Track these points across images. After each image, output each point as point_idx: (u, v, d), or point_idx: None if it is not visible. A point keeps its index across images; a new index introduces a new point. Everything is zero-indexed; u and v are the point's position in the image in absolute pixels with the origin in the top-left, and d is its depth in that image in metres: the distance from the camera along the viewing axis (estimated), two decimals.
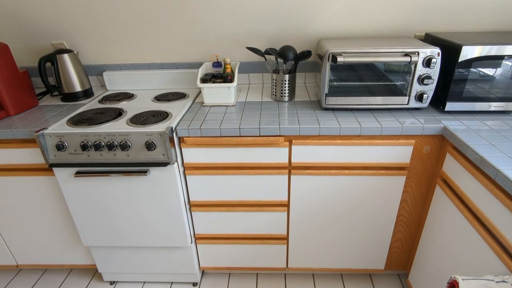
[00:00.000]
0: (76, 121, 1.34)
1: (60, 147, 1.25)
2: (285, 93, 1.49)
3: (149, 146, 1.23)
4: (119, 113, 1.42)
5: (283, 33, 1.60)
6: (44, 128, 1.28)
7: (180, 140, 1.31)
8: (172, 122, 1.30)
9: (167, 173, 1.31)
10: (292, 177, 1.37)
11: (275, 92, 1.51)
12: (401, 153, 1.29)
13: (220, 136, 1.28)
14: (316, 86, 1.51)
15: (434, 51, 1.23)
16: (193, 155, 1.33)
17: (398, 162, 1.31)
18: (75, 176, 1.31)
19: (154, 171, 1.31)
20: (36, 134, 1.24)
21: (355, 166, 1.33)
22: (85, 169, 1.31)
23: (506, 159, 0.96)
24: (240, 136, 1.28)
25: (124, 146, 1.24)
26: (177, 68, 1.75)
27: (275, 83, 1.49)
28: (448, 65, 1.25)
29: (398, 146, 1.27)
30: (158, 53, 1.71)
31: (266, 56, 1.47)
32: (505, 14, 1.48)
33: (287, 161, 1.33)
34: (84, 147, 1.25)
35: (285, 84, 1.47)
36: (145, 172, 1.29)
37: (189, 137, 1.29)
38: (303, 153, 1.31)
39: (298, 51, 1.65)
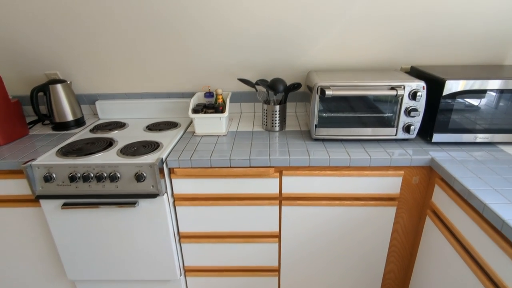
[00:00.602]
0: (66, 152, 1.33)
1: (48, 178, 1.23)
2: (275, 123, 1.51)
3: (139, 177, 1.23)
4: (109, 143, 1.42)
5: (274, 65, 1.64)
6: (33, 159, 1.27)
7: (170, 171, 1.31)
8: (162, 153, 1.30)
9: (156, 205, 1.30)
10: (283, 208, 1.36)
11: (266, 122, 1.53)
12: (391, 184, 1.29)
13: (211, 167, 1.28)
14: (306, 116, 1.54)
15: (420, 85, 1.26)
16: (183, 186, 1.33)
17: (388, 193, 1.31)
18: (62, 208, 1.28)
19: (143, 203, 1.30)
20: (24, 165, 1.23)
21: (346, 197, 1.33)
22: (72, 201, 1.29)
23: (492, 193, 0.97)
24: (230, 167, 1.28)
25: (113, 178, 1.23)
26: (170, 97, 1.77)
27: (266, 113, 1.51)
28: (433, 98, 1.29)
29: (388, 177, 1.28)
30: (151, 82, 1.73)
31: (257, 87, 1.50)
32: (486, 49, 1.55)
33: (277, 192, 1.33)
34: (73, 178, 1.23)
35: (276, 114, 1.50)
36: (134, 204, 1.28)
37: (179, 168, 1.28)
38: (293, 184, 1.31)
39: (289, 83, 1.68)
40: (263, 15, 1.43)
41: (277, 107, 1.49)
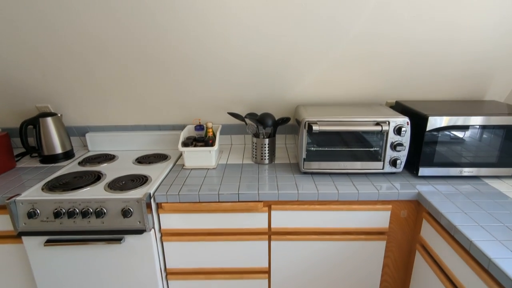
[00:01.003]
0: (52, 186, 1.31)
1: (31, 214, 1.21)
2: (265, 156, 1.53)
3: (126, 213, 1.21)
4: (98, 177, 1.41)
5: (263, 99, 1.68)
6: (17, 195, 1.25)
7: (158, 205, 1.29)
8: (151, 188, 1.29)
9: (143, 241, 1.27)
10: (272, 243, 1.34)
11: (256, 155, 1.54)
12: (380, 218, 1.29)
13: (199, 202, 1.27)
14: (295, 148, 1.55)
15: (404, 121, 1.30)
16: (171, 221, 1.31)
17: (377, 227, 1.31)
18: (44, 245, 1.24)
19: (129, 239, 1.27)
20: (7, 201, 1.21)
21: (335, 231, 1.33)
22: (56, 238, 1.26)
23: (478, 230, 0.98)
24: (219, 202, 1.27)
25: (99, 213, 1.21)
26: (161, 130, 1.78)
27: (255, 146, 1.53)
28: (418, 133, 1.32)
29: (376, 211, 1.28)
30: (142, 115, 1.75)
31: (247, 120, 1.53)
32: (467, 85, 1.61)
33: (266, 226, 1.32)
34: (57, 214, 1.21)
35: (265, 147, 1.51)
36: (119, 240, 1.25)
37: (167, 203, 1.27)
38: (282, 219, 1.30)
39: (278, 116, 1.72)
40: (254, 52, 1.48)
41: (266, 141, 1.51)
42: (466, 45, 1.45)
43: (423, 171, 1.34)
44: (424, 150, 1.32)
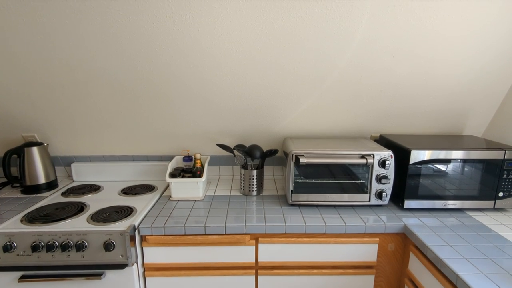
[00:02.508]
0: (32, 218, 1.27)
1: (7, 248, 1.15)
2: (253, 187, 1.53)
3: (108, 246, 1.17)
4: (81, 208, 1.37)
5: (251, 131, 1.71)
6: None
7: (143, 238, 1.26)
8: (135, 220, 1.26)
9: (125, 276, 1.22)
10: (259, 277, 1.31)
11: (244, 187, 1.54)
12: (367, 251, 1.29)
13: (185, 235, 1.25)
14: (283, 179, 1.56)
15: (388, 154, 1.34)
16: (155, 255, 1.27)
17: (365, 261, 1.29)
18: (18, 281, 1.18)
19: (110, 274, 1.21)
20: None
21: (324, 265, 1.30)
22: (31, 273, 1.19)
23: (464, 263, 0.99)
24: (205, 234, 1.25)
25: (80, 247, 1.16)
26: (148, 160, 1.78)
27: (243, 178, 1.53)
28: (401, 166, 1.36)
29: (364, 244, 1.28)
30: (130, 145, 1.75)
31: (235, 152, 1.54)
32: (446, 121, 1.69)
33: (254, 260, 1.29)
34: (35, 247, 1.16)
35: (253, 179, 1.52)
36: (99, 275, 1.19)
37: (152, 235, 1.24)
38: (270, 252, 1.28)
39: (266, 148, 1.74)
40: (243, 85, 1.53)
41: (254, 172, 1.51)
42: (443, 80, 1.53)
43: (408, 203, 1.36)
44: (408, 182, 1.35)
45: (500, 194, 1.35)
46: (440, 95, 1.59)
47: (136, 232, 1.23)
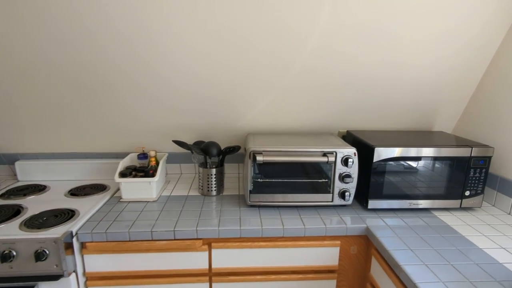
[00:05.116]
0: None
1: None
2: (211, 187, 1.42)
3: (39, 256, 1.04)
4: (16, 212, 1.24)
5: (212, 127, 1.60)
6: None
7: (83, 245, 1.14)
8: (74, 225, 1.14)
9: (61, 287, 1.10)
10: (213, 285, 1.21)
11: (202, 186, 1.44)
12: (329, 255, 1.21)
13: (129, 241, 1.14)
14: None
15: (351, 151, 1.26)
16: (98, 263, 1.15)
17: (327, 265, 1.22)
18: None
19: (43, 286, 1.09)
20: None
21: (282, 270, 1.22)
22: None
23: (423, 270, 0.92)
24: (152, 240, 1.14)
25: (6, 257, 1.03)
26: (102, 158, 1.65)
27: (201, 177, 1.43)
28: (366, 164, 1.28)
29: (325, 247, 1.20)
30: (81, 142, 1.61)
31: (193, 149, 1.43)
32: (416, 116, 1.62)
33: (207, 267, 1.19)
34: None
35: (212, 178, 1.41)
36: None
37: (92, 242, 1.12)
38: (224, 258, 1.19)
39: (229, 144, 1.64)
40: (202, 79, 1.42)
41: (213, 171, 1.41)
42: (410, 80, 1.47)
43: (373, 203, 1.29)
44: (372, 182, 1.27)
45: (467, 193, 1.30)
46: (408, 94, 1.53)
47: (75, 239, 1.11)
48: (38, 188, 1.49)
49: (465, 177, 1.28)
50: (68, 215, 1.21)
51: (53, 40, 1.27)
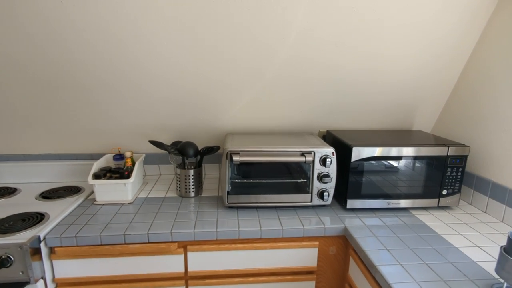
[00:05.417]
0: None
1: None
2: (189, 188, 1.39)
3: (3, 262, 0.99)
4: None
5: (190, 127, 1.57)
6: None
7: (52, 250, 1.09)
8: (43, 229, 1.09)
9: None
10: None
11: (180, 188, 1.40)
12: (307, 256, 1.20)
13: (101, 245, 1.09)
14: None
15: (329, 151, 1.25)
16: (68, 268, 1.11)
17: (305, 266, 1.21)
18: None
19: None
20: None
21: (261, 272, 1.20)
22: None
23: (399, 270, 0.91)
24: (125, 244, 1.10)
25: None
26: (77, 159, 1.59)
27: (179, 178, 1.39)
28: (344, 164, 1.28)
29: (303, 248, 1.18)
30: (55, 143, 1.55)
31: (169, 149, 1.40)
32: (395, 116, 1.63)
33: (183, 270, 1.16)
34: None
35: (189, 179, 1.38)
36: None
37: (61, 247, 1.08)
38: (201, 261, 1.16)
39: (208, 144, 1.61)
40: (180, 76, 1.39)
41: (191, 172, 1.38)
42: (391, 75, 1.47)
43: (351, 203, 1.28)
44: (351, 181, 1.27)
45: (444, 192, 1.30)
46: (388, 90, 1.53)
47: (43, 244, 1.06)
48: (8, 191, 1.43)
49: (442, 176, 1.29)
50: (37, 218, 1.16)
51: (21, 40, 1.22)
